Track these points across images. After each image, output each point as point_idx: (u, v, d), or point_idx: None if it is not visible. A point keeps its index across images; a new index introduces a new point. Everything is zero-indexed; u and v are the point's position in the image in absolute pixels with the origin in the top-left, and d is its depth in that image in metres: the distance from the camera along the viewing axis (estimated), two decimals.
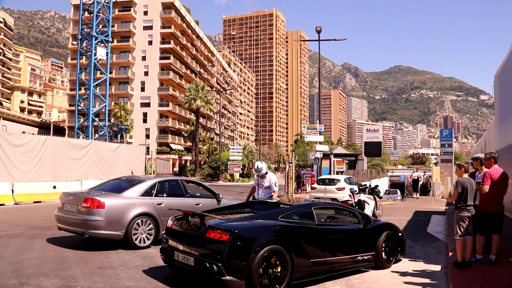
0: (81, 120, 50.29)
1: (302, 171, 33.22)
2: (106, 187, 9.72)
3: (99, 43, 47.62)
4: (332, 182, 20.89)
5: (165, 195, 9.40)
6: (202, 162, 64.78)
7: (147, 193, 9.11)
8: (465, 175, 7.31)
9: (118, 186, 9.52)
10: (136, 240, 8.61)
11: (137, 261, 7.70)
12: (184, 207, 8.32)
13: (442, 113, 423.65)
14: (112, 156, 26.64)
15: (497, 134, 14.69)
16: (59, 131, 67.40)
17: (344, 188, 19.39)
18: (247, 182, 50.84)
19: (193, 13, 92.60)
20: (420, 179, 26.17)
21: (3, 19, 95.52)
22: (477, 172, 7.97)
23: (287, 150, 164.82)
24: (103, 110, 49.99)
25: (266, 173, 9.55)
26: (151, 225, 8.85)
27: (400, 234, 8.10)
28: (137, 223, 8.65)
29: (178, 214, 6.98)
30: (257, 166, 9.52)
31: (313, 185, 24.35)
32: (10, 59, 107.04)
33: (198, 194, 10.22)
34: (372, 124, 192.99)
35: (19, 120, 72.23)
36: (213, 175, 54.87)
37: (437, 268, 7.72)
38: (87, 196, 8.64)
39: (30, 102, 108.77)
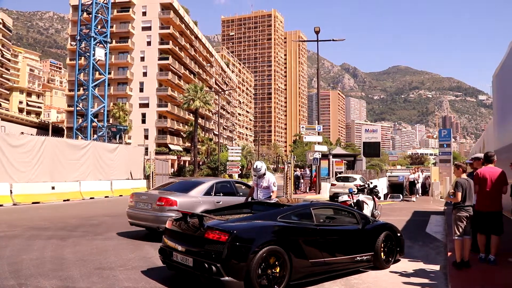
0: (80, 120, 50.23)
1: (300, 172, 33.25)
2: (171, 188, 10.89)
3: (98, 44, 47.57)
4: (349, 179, 24.54)
5: (221, 194, 10.63)
6: (201, 163, 64.83)
7: (208, 192, 10.33)
8: (464, 175, 7.31)
9: (183, 186, 10.74)
10: None
11: (136, 261, 7.70)
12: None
13: (441, 113, 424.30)
14: (110, 156, 26.63)
15: (496, 134, 14.72)
16: (57, 131, 67.18)
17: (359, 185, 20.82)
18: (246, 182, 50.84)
19: (191, 13, 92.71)
20: (416, 181, 25.92)
21: (2, 19, 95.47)
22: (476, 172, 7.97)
23: (286, 151, 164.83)
24: (102, 111, 49.92)
25: (265, 173, 9.54)
26: None
27: (399, 234, 8.10)
28: None
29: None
30: (256, 165, 9.51)
31: (332, 182, 26.42)
32: (9, 60, 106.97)
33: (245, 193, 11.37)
34: (371, 125, 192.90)
35: (17, 120, 71.99)
36: (212, 175, 54.89)
37: (436, 268, 7.72)
38: (161, 195, 9.83)
39: (29, 103, 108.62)
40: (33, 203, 18.63)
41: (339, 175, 27.80)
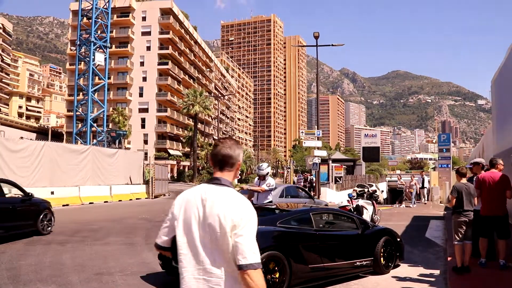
0: (79, 125, 50.19)
1: (296, 176, 33.23)
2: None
3: (98, 49, 47.58)
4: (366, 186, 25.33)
5: (289, 196, 13.12)
6: (200, 168, 64.77)
7: (281, 195, 12.56)
8: (464, 180, 7.32)
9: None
10: None
11: (135, 267, 7.68)
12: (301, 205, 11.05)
13: (440, 118, 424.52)
14: (110, 161, 26.59)
15: (495, 139, 14.73)
16: (57, 136, 67.28)
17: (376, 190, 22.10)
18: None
19: (191, 19, 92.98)
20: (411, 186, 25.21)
21: (2, 24, 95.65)
22: (476, 177, 7.97)
23: (285, 156, 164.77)
24: (101, 116, 49.87)
25: (267, 175, 9.51)
26: None
27: (398, 239, 8.09)
28: None
29: None
30: (262, 164, 9.51)
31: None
32: (9, 65, 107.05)
33: (303, 195, 14.24)
34: (370, 129, 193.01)
35: (17, 125, 72.07)
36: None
37: (436, 273, 7.71)
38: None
39: (28, 108, 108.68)
40: None
41: (357, 184, 28.19)
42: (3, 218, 9.94)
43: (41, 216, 11.42)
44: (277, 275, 5.88)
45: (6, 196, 10.79)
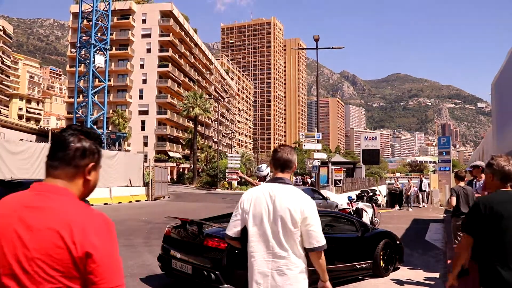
0: None
1: (295, 179, 33.17)
2: None
3: (98, 51, 47.62)
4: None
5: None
6: (200, 170, 64.74)
7: (312, 197, 13.29)
8: (462, 183, 7.32)
9: None
10: None
11: (135, 269, 7.68)
12: (328, 206, 13.02)
13: (440, 120, 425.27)
14: (110, 163, 26.59)
15: (495, 142, 14.73)
16: None
17: (380, 194, 21.93)
18: (245, 190, 50.73)
19: (191, 21, 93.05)
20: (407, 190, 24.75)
21: (2, 26, 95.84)
22: (475, 180, 7.98)
23: None
24: (101, 118, 49.90)
25: (267, 174, 9.47)
26: None
27: (398, 242, 8.09)
28: None
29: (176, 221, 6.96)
30: (261, 166, 9.44)
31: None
32: (9, 67, 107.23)
33: (317, 196, 15.23)
34: (370, 132, 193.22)
35: (17, 127, 71.73)
36: (211, 183, 54.79)
37: (436, 276, 7.71)
38: None
39: (29, 110, 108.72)
40: None
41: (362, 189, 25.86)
42: None
43: None
44: None
45: None
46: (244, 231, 2.87)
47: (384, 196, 30.45)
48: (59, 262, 1.42)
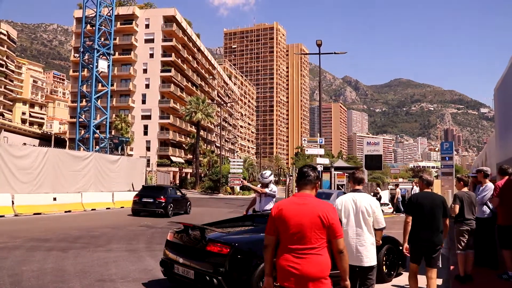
0: (82, 132, 50.31)
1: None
2: None
3: (101, 56, 47.80)
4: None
5: None
6: (202, 175, 64.74)
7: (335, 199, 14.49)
8: (465, 189, 7.29)
9: (321, 196, 15.44)
10: None
11: (137, 274, 7.67)
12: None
13: (443, 126, 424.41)
14: (112, 168, 26.64)
15: (498, 147, 14.69)
16: (60, 143, 67.45)
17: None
18: (247, 195, 50.74)
19: (194, 26, 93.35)
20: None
21: (7, 31, 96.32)
22: (479, 185, 7.94)
23: (287, 163, 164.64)
24: (104, 122, 50.02)
25: (271, 181, 9.45)
26: None
27: (401, 248, 8.05)
28: None
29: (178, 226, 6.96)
30: (265, 172, 9.41)
31: None
32: (13, 71, 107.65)
33: None
34: (373, 137, 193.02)
35: (20, 131, 72.36)
36: (213, 188, 54.79)
37: (439, 282, 7.66)
38: None
39: (32, 114, 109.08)
40: (34, 214, 18.61)
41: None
42: (176, 204, 21.50)
43: (188, 204, 23.18)
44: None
45: (177, 194, 22.57)
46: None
47: (388, 205, 30.26)
48: (319, 227, 3.22)
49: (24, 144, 29.68)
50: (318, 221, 3.20)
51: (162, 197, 20.33)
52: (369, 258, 4.90)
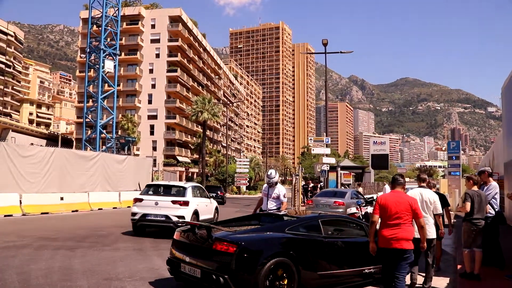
0: (89, 132, 50.57)
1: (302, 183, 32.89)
2: (328, 194, 19.23)
3: (107, 56, 48.01)
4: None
5: (355, 198, 17.36)
6: (209, 175, 64.82)
7: (351, 197, 17.66)
8: (475, 188, 7.27)
9: (335, 194, 18.62)
10: None
11: (144, 273, 7.70)
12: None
13: (449, 125, 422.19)
14: (119, 168, 26.74)
15: (505, 146, 14.62)
16: (67, 143, 67.85)
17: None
18: (253, 195, 50.80)
19: (200, 26, 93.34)
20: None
21: (14, 33, 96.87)
22: (483, 185, 7.95)
23: (294, 163, 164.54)
24: (111, 122, 50.25)
25: (277, 183, 9.48)
26: None
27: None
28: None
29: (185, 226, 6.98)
30: (271, 172, 9.44)
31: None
32: (20, 72, 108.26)
33: (360, 197, 18.31)
34: (379, 137, 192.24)
35: (27, 132, 72.86)
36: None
37: (446, 281, 7.64)
38: (334, 200, 17.63)
39: (39, 114, 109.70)
40: (42, 213, 18.72)
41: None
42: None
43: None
44: (286, 282, 5.87)
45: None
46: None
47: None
48: (408, 211, 5.60)
49: (32, 144, 29.86)
50: (408, 207, 5.57)
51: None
52: (431, 232, 6.87)
